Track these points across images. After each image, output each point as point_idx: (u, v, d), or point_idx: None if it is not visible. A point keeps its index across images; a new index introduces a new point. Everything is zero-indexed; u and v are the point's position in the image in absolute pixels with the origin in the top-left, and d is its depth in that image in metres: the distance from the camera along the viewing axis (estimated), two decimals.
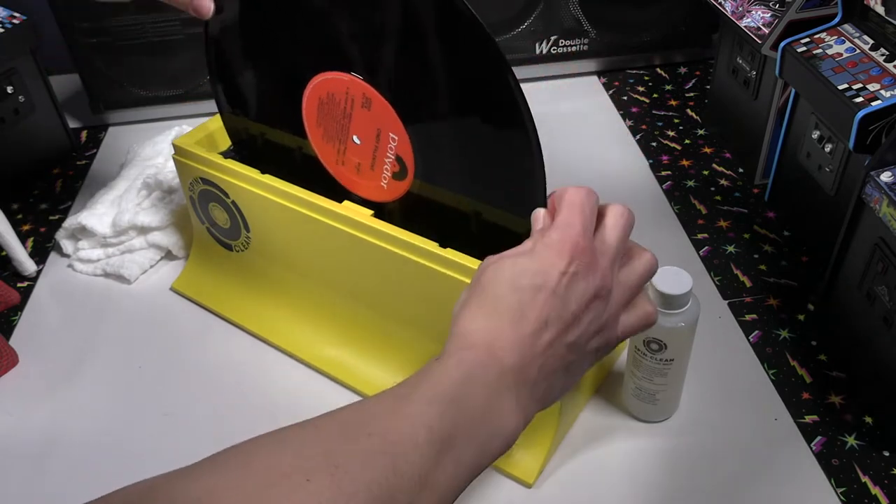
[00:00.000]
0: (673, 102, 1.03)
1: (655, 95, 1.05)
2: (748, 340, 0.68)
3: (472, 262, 0.54)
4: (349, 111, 0.58)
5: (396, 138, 0.57)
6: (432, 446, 0.36)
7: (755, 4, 0.81)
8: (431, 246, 0.55)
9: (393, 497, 0.33)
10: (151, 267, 0.80)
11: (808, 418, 0.61)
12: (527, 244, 0.43)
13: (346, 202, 0.61)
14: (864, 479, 0.57)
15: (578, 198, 0.43)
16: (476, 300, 0.42)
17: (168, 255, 0.80)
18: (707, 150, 0.94)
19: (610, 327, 0.43)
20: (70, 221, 0.80)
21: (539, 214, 0.45)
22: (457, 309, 0.43)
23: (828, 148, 0.71)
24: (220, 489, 0.32)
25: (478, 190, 0.56)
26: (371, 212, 0.60)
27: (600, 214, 0.44)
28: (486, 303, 0.41)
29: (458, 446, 0.37)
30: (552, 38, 1.05)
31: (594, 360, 0.44)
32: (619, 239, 0.44)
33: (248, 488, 0.32)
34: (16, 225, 0.81)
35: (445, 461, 0.36)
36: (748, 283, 0.74)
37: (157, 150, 0.88)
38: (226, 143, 0.72)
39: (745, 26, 0.80)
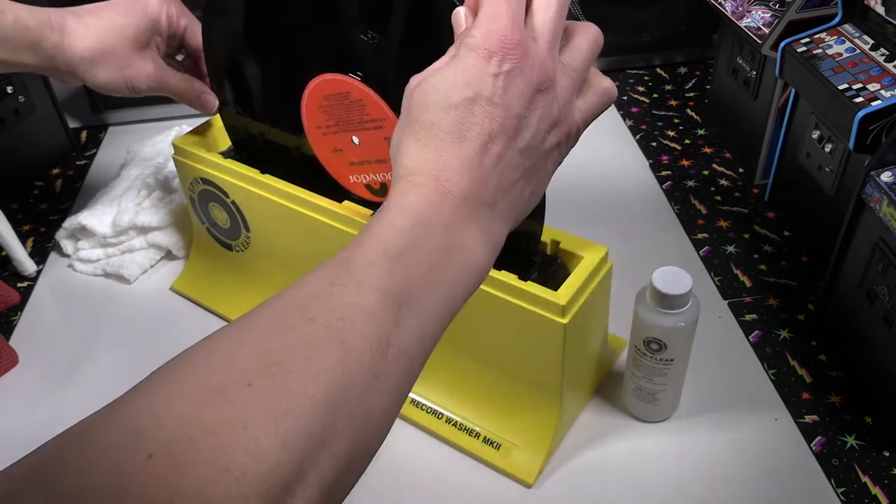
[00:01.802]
0: (673, 102, 1.03)
1: (655, 95, 1.05)
2: (748, 340, 0.68)
3: None
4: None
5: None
6: (387, 309, 0.32)
7: (755, 4, 0.81)
8: None
9: (351, 378, 0.30)
10: (151, 267, 0.80)
11: (808, 418, 0.61)
12: (450, 51, 0.38)
13: (346, 202, 0.61)
14: (864, 479, 0.57)
15: None
16: (410, 133, 0.37)
17: (168, 255, 0.80)
18: (707, 150, 0.94)
19: (566, 117, 0.39)
20: (70, 221, 0.80)
21: (460, 15, 0.39)
22: (393, 151, 0.39)
23: (828, 148, 0.71)
24: (147, 426, 0.27)
25: None
26: (371, 212, 0.60)
27: None
28: (421, 132, 0.37)
29: (420, 298, 0.34)
30: None
31: (559, 157, 0.41)
32: (552, 20, 0.39)
33: (180, 416, 0.28)
34: (16, 225, 0.81)
35: (407, 319, 0.33)
36: (748, 283, 0.74)
37: (157, 150, 0.88)
38: (226, 143, 0.72)
39: (745, 26, 0.80)
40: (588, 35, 0.41)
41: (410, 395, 0.63)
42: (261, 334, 0.31)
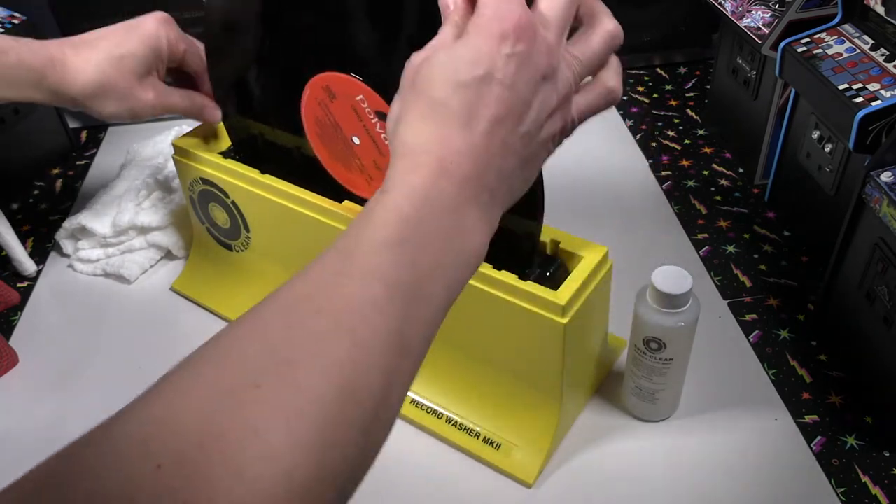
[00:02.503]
0: (673, 102, 1.03)
1: (655, 95, 1.05)
2: (748, 340, 0.68)
3: None
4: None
5: None
6: (395, 301, 0.32)
7: (755, 4, 0.81)
8: None
9: (364, 373, 0.30)
10: (151, 267, 0.80)
11: (808, 418, 0.61)
12: (449, 31, 0.37)
13: (346, 202, 0.61)
14: (864, 479, 0.57)
15: None
16: (414, 108, 0.36)
17: (168, 255, 0.80)
18: (707, 150, 0.94)
19: (563, 109, 0.39)
20: (70, 221, 0.80)
21: None
22: (391, 125, 0.37)
23: (828, 148, 0.71)
24: (156, 434, 0.26)
25: None
26: None
27: None
28: (427, 109, 0.36)
29: (424, 286, 0.33)
30: None
31: (551, 148, 0.40)
32: (563, 7, 0.38)
33: (192, 419, 0.27)
34: (16, 225, 0.81)
35: (413, 310, 0.32)
36: (748, 283, 0.74)
37: (157, 150, 0.88)
38: (226, 143, 0.72)
39: (745, 26, 0.80)
40: (603, 32, 0.40)
41: (410, 394, 0.63)
42: (267, 330, 0.31)
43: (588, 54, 0.39)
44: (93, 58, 0.62)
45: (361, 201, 0.62)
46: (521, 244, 0.56)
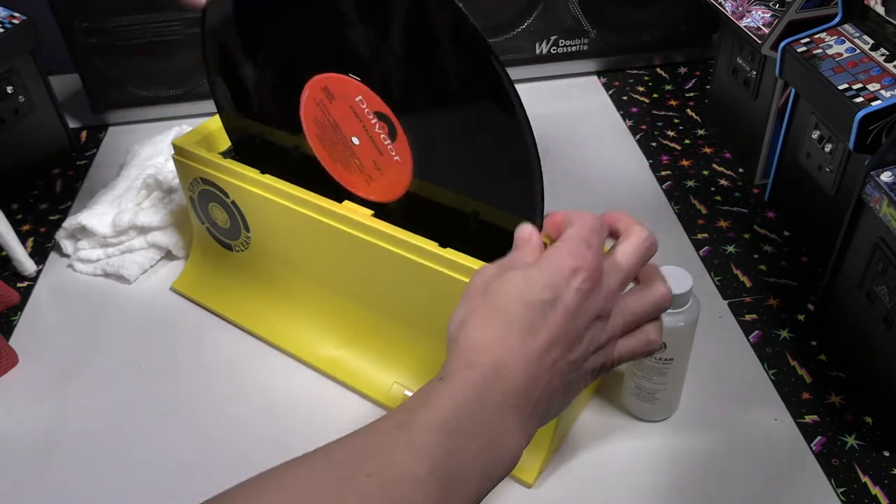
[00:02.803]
0: (673, 102, 1.03)
1: (655, 95, 1.05)
2: (748, 340, 0.68)
3: (472, 262, 0.54)
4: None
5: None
6: (435, 481, 0.34)
7: (755, 4, 0.81)
8: (431, 246, 0.55)
9: None
10: (151, 267, 0.80)
11: (808, 418, 0.61)
12: (521, 256, 0.42)
13: (346, 202, 0.61)
14: (864, 479, 0.57)
15: (595, 221, 0.42)
16: (482, 313, 0.40)
17: (168, 255, 0.80)
18: (707, 150, 0.94)
19: (607, 348, 0.42)
20: (70, 221, 0.80)
21: (526, 230, 0.44)
22: (455, 323, 0.41)
23: (828, 148, 0.71)
24: None
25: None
26: (371, 212, 0.60)
27: (623, 233, 0.44)
28: (493, 316, 0.39)
29: (462, 477, 0.35)
30: (552, 38, 1.05)
31: (590, 380, 0.43)
32: (632, 265, 0.43)
33: None
34: (16, 225, 0.81)
35: (449, 496, 0.35)
36: (748, 283, 0.74)
37: (157, 150, 0.88)
38: (226, 143, 0.72)
39: (745, 26, 0.80)
40: (658, 294, 0.44)
41: (410, 395, 0.62)
42: (321, 483, 0.33)
43: (639, 308, 0.43)
44: None
45: (361, 201, 0.62)
46: None
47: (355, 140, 0.59)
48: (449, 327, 0.41)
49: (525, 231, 0.44)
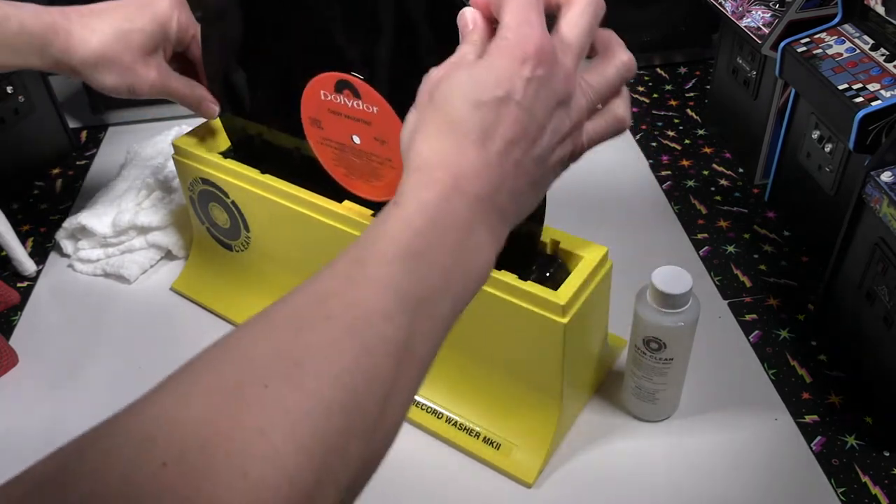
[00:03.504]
0: (673, 102, 1.03)
1: (655, 95, 1.05)
2: (748, 340, 0.68)
3: None
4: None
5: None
6: (404, 312, 0.32)
7: (755, 4, 0.81)
8: None
9: (370, 382, 0.30)
10: (151, 267, 0.80)
11: (808, 418, 0.61)
12: (468, 50, 0.38)
13: (346, 202, 0.61)
14: (864, 479, 0.57)
15: None
16: (431, 123, 0.37)
17: (168, 255, 0.80)
18: (707, 150, 0.94)
19: (573, 135, 0.39)
20: (70, 221, 0.80)
21: (466, 15, 0.39)
22: (406, 137, 0.38)
23: (828, 148, 0.71)
24: (160, 432, 0.26)
25: None
26: (371, 212, 0.60)
27: (560, 5, 0.39)
28: (444, 125, 0.36)
29: (432, 301, 0.33)
30: None
31: (559, 172, 0.40)
32: (583, 36, 0.39)
33: (194, 420, 0.27)
34: (16, 225, 0.81)
35: (421, 323, 0.33)
36: (748, 283, 0.74)
37: (157, 150, 0.88)
38: (226, 143, 0.72)
39: (745, 26, 0.80)
40: (618, 63, 0.40)
41: None
42: (278, 331, 0.31)
43: (602, 83, 0.40)
44: (98, 28, 0.61)
45: (361, 201, 0.62)
46: (522, 244, 0.55)
47: (356, 139, 0.59)
48: (401, 140, 0.38)
49: (468, 16, 0.39)
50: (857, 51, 0.67)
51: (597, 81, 0.40)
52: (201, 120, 0.73)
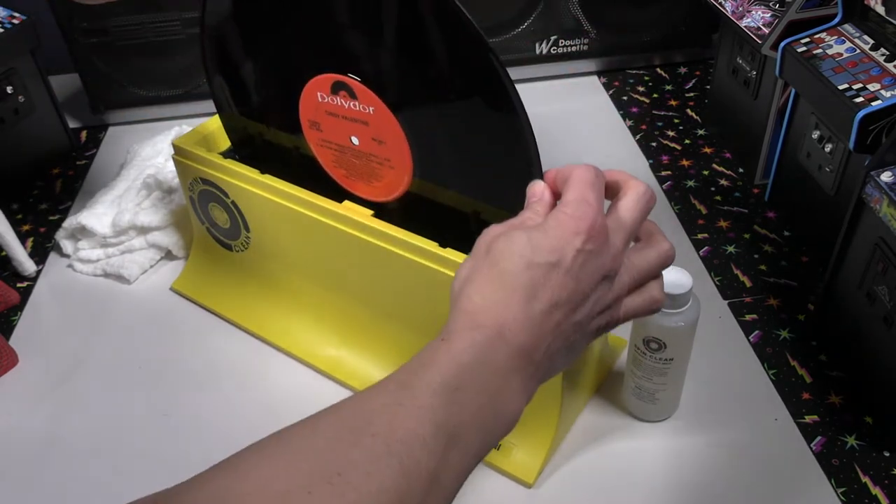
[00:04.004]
0: (673, 102, 1.03)
1: (655, 95, 1.05)
2: (748, 340, 0.68)
3: None
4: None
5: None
6: (439, 441, 0.34)
7: (755, 4, 0.81)
8: (431, 246, 0.55)
9: (402, 501, 0.32)
10: (151, 267, 0.80)
11: (808, 418, 0.61)
12: (530, 217, 0.42)
13: (346, 202, 0.61)
14: (865, 479, 0.57)
15: (590, 175, 0.41)
16: (485, 274, 0.40)
17: (168, 255, 0.81)
18: (707, 150, 0.94)
19: (613, 308, 0.42)
20: (70, 221, 0.80)
21: (538, 187, 0.43)
22: (458, 283, 0.41)
23: (828, 148, 0.71)
24: None
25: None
26: (371, 212, 0.60)
27: (621, 190, 0.43)
28: (497, 277, 0.39)
29: (465, 436, 0.36)
30: (552, 38, 1.05)
31: (593, 338, 0.43)
32: (636, 220, 0.42)
33: None
34: (16, 225, 0.81)
35: (452, 455, 0.35)
36: (748, 283, 0.74)
37: (157, 150, 0.88)
38: (226, 143, 0.72)
39: (745, 26, 0.80)
40: (661, 250, 0.43)
41: None
42: (325, 442, 0.33)
43: (644, 265, 0.43)
44: None
45: (361, 201, 0.62)
46: None
47: (354, 140, 0.59)
48: (453, 285, 0.41)
49: (537, 189, 0.43)
50: (858, 51, 0.67)
51: (640, 263, 0.43)
52: (202, 120, 0.74)
